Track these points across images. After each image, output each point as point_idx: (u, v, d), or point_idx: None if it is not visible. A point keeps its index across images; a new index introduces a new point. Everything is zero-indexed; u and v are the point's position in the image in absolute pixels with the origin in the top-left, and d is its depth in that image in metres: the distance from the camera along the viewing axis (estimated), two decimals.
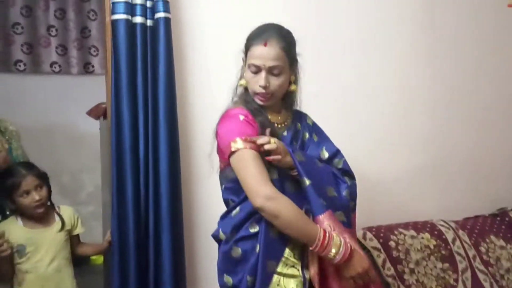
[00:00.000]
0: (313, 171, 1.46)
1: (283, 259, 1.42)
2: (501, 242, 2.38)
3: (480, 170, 2.64)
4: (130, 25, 1.84)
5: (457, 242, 2.29)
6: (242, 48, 1.53)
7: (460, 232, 2.35)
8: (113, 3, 1.83)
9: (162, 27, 1.88)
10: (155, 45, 1.89)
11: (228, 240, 1.47)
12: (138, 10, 1.84)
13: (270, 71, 1.44)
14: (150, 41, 1.88)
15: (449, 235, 2.30)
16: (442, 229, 2.32)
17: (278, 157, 1.40)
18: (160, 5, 1.87)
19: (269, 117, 1.52)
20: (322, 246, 1.34)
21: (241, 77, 1.56)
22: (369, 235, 2.16)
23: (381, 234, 2.18)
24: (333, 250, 1.35)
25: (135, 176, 1.87)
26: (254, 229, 1.43)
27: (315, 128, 1.65)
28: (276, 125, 1.53)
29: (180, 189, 1.98)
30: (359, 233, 2.12)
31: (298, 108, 1.64)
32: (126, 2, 1.81)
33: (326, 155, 1.58)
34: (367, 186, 2.32)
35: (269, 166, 1.42)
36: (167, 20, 1.89)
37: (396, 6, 2.39)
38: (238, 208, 1.48)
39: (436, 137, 2.52)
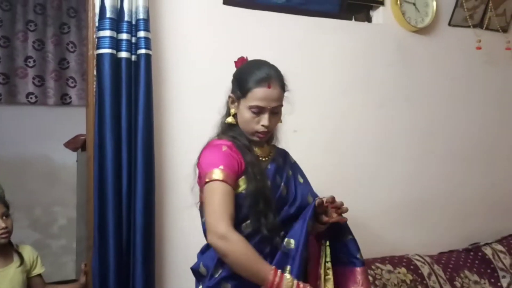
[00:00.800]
0: None
1: None
2: (475, 277, 2.42)
3: (454, 207, 2.71)
4: (115, 59, 1.86)
5: (433, 277, 2.32)
6: (230, 85, 1.54)
7: (435, 266, 2.38)
8: (99, 38, 1.85)
9: (143, 63, 1.91)
10: (137, 80, 1.92)
11: (213, 275, 1.42)
12: (124, 45, 1.88)
13: (273, 111, 1.47)
14: (133, 75, 1.91)
15: (425, 270, 2.33)
16: (418, 263, 2.35)
17: (346, 218, 1.49)
18: (142, 42, 1.91)
19: (256, 149, 1.53)
20: (272, 286, 1.27)
21: (228, 113, 1.56)
22: None
23: None
24: None
25: (117, 209, 1.84)
26: None
27: (297, 168, 1.66)
28: (261, 158, 1.54)
29: (154, 223, 1.94)
30: None
31: (277, 143, 1.65)
32: (111, 37, 1.84)
33: (311, 199, 1.57)
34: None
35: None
36: (147, 56, 1.92)
37: (376, 52, 2.51)
38: None
39: (414, 177, 2.61)
